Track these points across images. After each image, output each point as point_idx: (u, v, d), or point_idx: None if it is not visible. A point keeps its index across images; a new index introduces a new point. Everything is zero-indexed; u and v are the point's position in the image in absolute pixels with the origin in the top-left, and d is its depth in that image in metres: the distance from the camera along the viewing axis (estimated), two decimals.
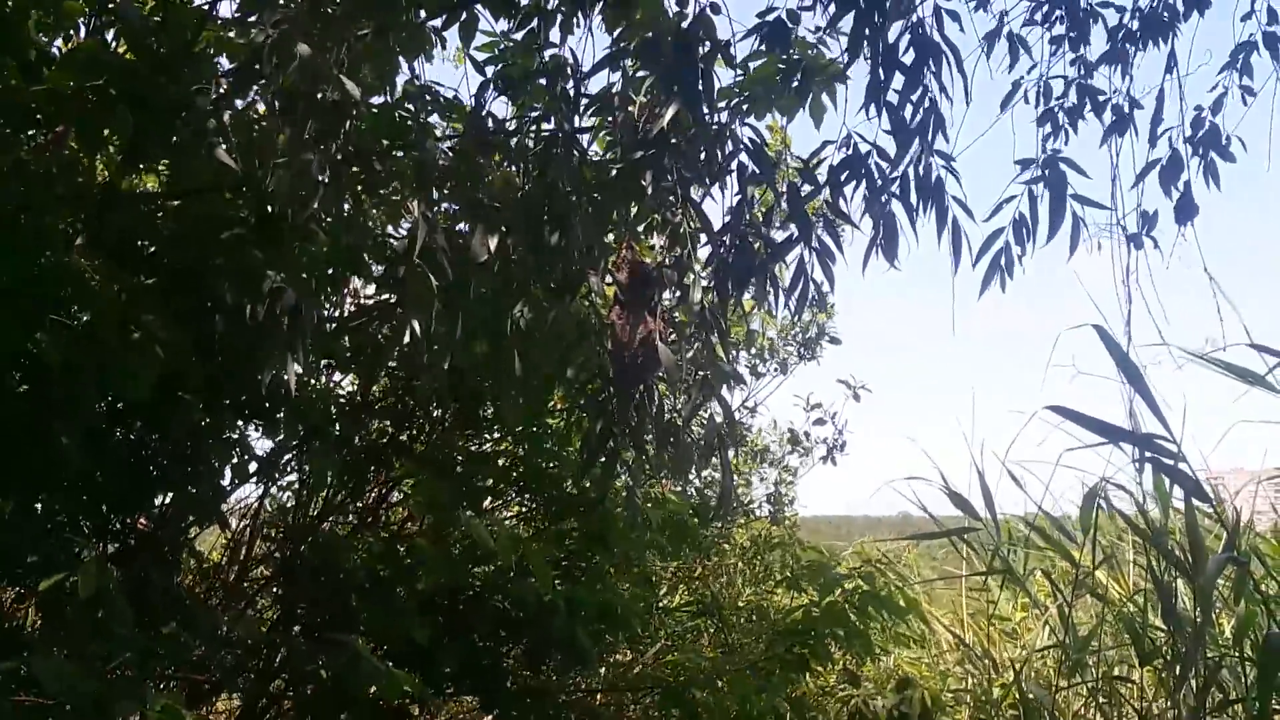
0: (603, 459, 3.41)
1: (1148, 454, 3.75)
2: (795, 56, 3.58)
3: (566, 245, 3.16)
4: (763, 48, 3.55)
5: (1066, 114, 4.26)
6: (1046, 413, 3.79)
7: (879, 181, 3.57)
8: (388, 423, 4.62)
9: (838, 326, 7.51)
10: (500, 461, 4.85)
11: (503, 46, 3.64)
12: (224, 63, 3.39)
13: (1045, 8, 4.28)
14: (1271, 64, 4.25)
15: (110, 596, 2.76)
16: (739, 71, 3.59)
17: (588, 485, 4.42)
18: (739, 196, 3.44)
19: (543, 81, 3.38)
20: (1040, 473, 5.49)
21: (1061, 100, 4.28)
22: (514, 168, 3.43)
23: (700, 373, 3.48)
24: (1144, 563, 4.51)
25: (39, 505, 3.19)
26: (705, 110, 3.24)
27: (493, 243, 3.03)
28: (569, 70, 3.36)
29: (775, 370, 7.36)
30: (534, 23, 3.45)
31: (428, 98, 3.68)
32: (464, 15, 3.55)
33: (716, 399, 3.42)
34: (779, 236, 3.69)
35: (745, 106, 3.53)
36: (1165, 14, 4.15)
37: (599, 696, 5.18)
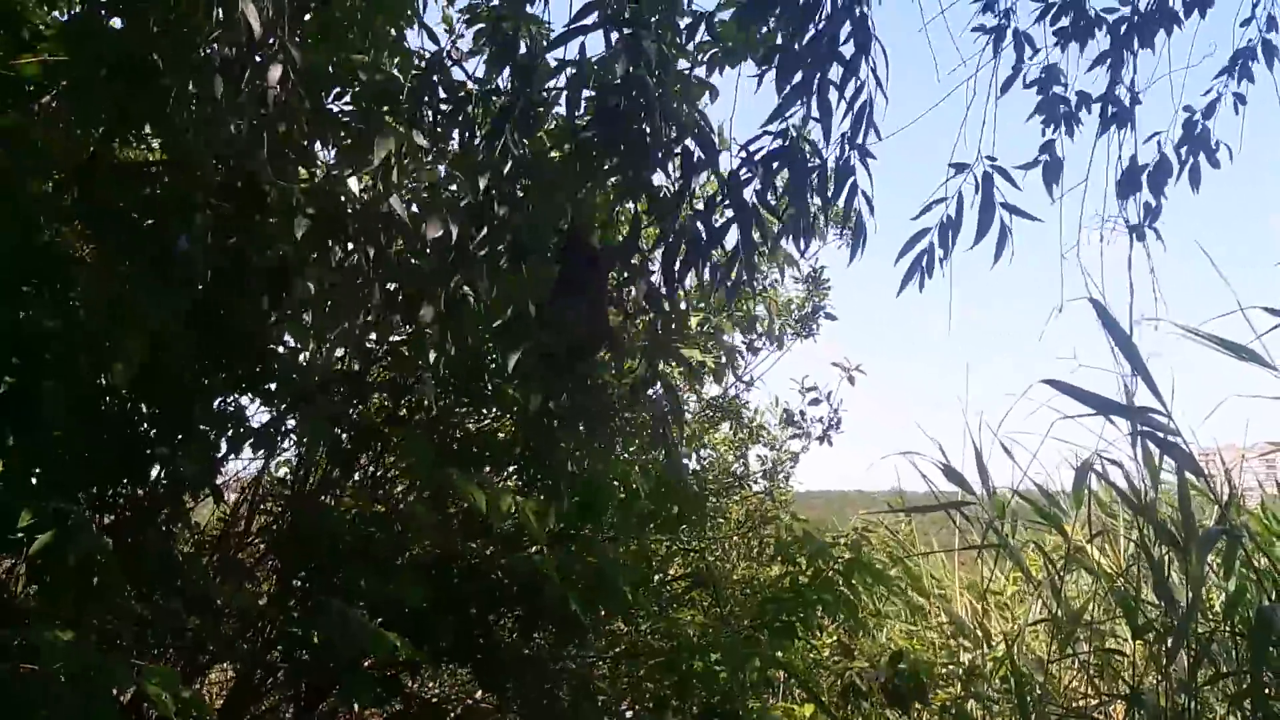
0: (543, 433, 3.41)
1: (1141, 427, 3.77)
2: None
3: (514, 221, 3.16)
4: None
5: (1065, 107, 4.24)
6: (1044, 388, 3.82)
7: (801, 170, 3.58)
8: (385, 397, 4.63)
9: (834, 303, 7.51)
10: (499, 435, 4.86)
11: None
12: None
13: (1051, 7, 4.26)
14: (1268, 71, 4.25)
15: (104, 565, 2.77)
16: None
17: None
18: (681, 181, 3.44)
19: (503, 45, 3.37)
20: (1035, 447, 5.48)
21: (1062, 95, 4.26)
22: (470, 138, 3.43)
23: (647, 354, 3.49)
24: (1136, 537, 4.54)
25: (33, 475, 3.19)
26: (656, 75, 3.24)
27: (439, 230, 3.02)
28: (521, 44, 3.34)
29: (772, 347, 7.35)
30: None
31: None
32: None
33: (660, 379, 3.43)
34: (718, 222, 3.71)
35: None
36: (1159, 15, 4.13)
37: (592, 667, 5.21)
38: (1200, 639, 3.88)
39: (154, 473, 3.67)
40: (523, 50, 3.32)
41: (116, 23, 3.22)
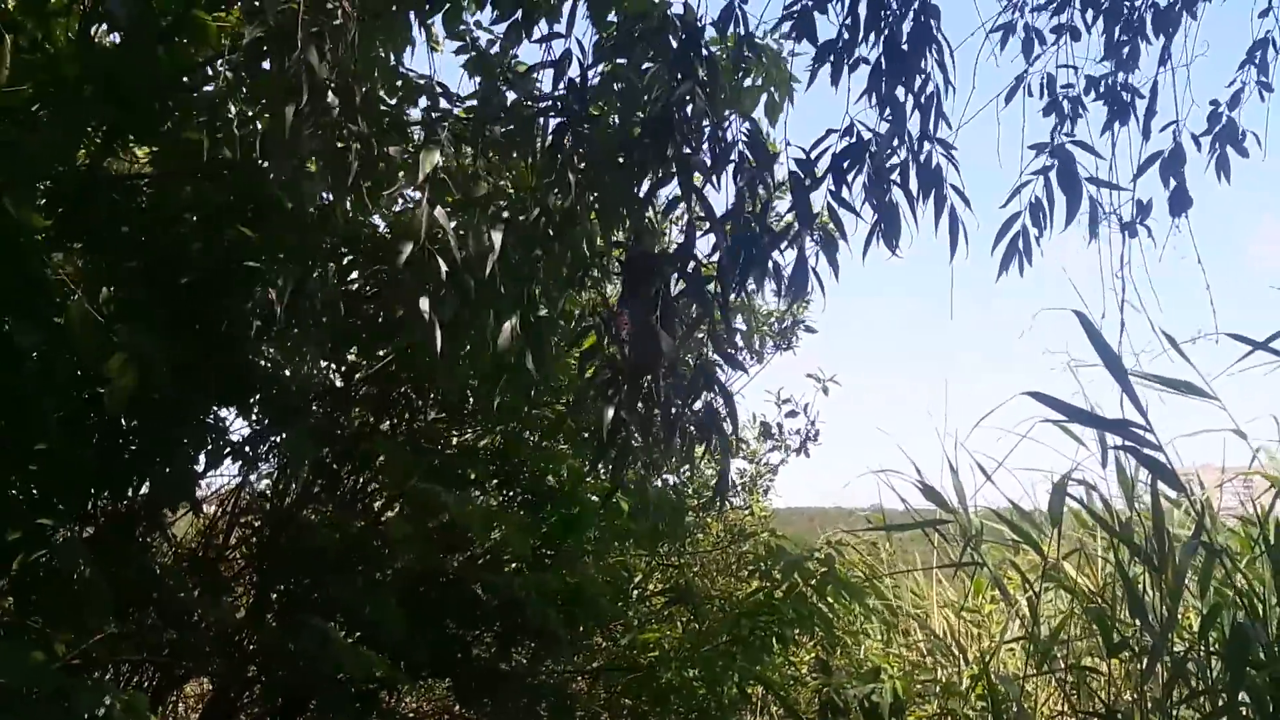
0: (615, 450, 3.41)
1: (1123, 440, 3.80)
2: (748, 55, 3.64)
3: (574, 235, 3.18)
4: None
5: (1070, 103, 4.25)
6: (1026, 400, 3.84)
7: (881, 169, 3.59)
8: (369, 414, 4.62)
9: (813, 316, 7.54)
10: (481, 453, 4.86)
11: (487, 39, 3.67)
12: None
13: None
14: None
15: (86, 581, 2.76)
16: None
17: (601, 476, 4.43)
18: (739, 187, 3.44)
19: (549, 73, 3.39)
20: (1015, 462, 5.51)
21: (1066, 90, 4.27)
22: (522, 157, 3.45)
23: (700, 358, 3.50)
24: (1113, 557, 4.57)
25: (14, 488, 3.17)
26: (707, 93, 3.26)
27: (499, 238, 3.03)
28: (574, 59, 3.36)
29: (753, 360, 7.36)
30: (517, 13, 3.48)
31: (437, 90, 3.68)
32: (447, 4, 3.56)
33: (716, 384, 3.43)
34: (778, 226, 3.72)
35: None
36: (1178, 5, 4.13)
37: (571, 683, 5.21)
38: (1176, 657, 3.90)
39: (134, 485, 3.65)
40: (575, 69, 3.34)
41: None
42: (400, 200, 3.86)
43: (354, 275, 4.06)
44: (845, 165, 3.54)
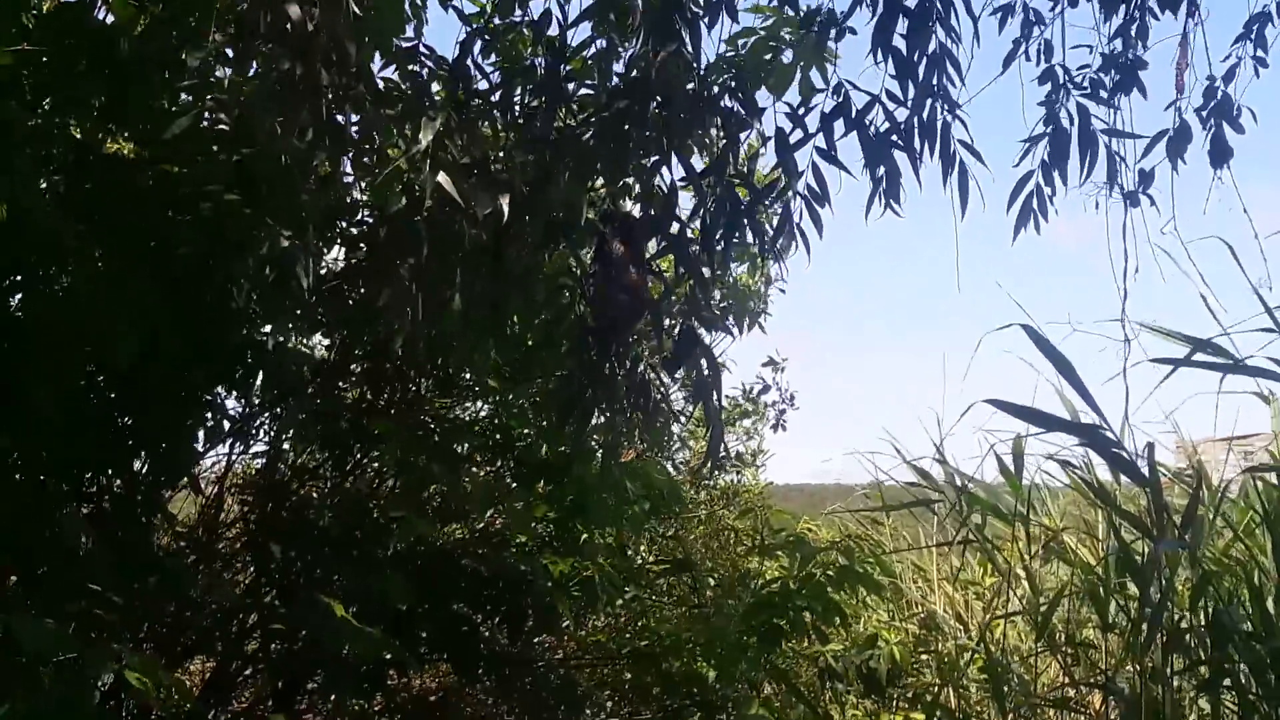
0: (578, 412, 3.40)
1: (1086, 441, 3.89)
2: (786, 34, 3.61)
3: (550, 197, 3.16)
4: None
5: (1064, 71, 4.22)
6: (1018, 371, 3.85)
7: (884, 127, 3.58)
8: (365, 389, 4.61)
9: (786, 282, 7.54)
10: (475, 428, 4.85)
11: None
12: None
13: None
14: None
15: (90, 554, 2.76)
16: (730, 47, 3.61)
17: (561, 447, 4.41)
18: (724, 141, 3.42)
19: (526, 32, 3.37)
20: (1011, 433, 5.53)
21: (1083, 69, 4.24)
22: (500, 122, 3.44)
23: (684, 322, 3.48)
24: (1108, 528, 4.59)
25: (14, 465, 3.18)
26: (692, 57, 3.24)
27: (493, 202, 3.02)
28: (553, 20, 3.35)
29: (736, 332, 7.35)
30: None
31: (423, 57, 3.65)
32: None
33: (700, 347, 3.42)
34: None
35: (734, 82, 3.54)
36: None
37: (575, 661, 5.21)
38: (1173, 628, 3.92)
39: (135, 464, 3.66)
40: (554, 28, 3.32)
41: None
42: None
43: (341, 252, 4.06)
44: (836, 124, 3.53)
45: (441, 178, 2.88)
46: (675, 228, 3.43)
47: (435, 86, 3.71)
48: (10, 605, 2.98)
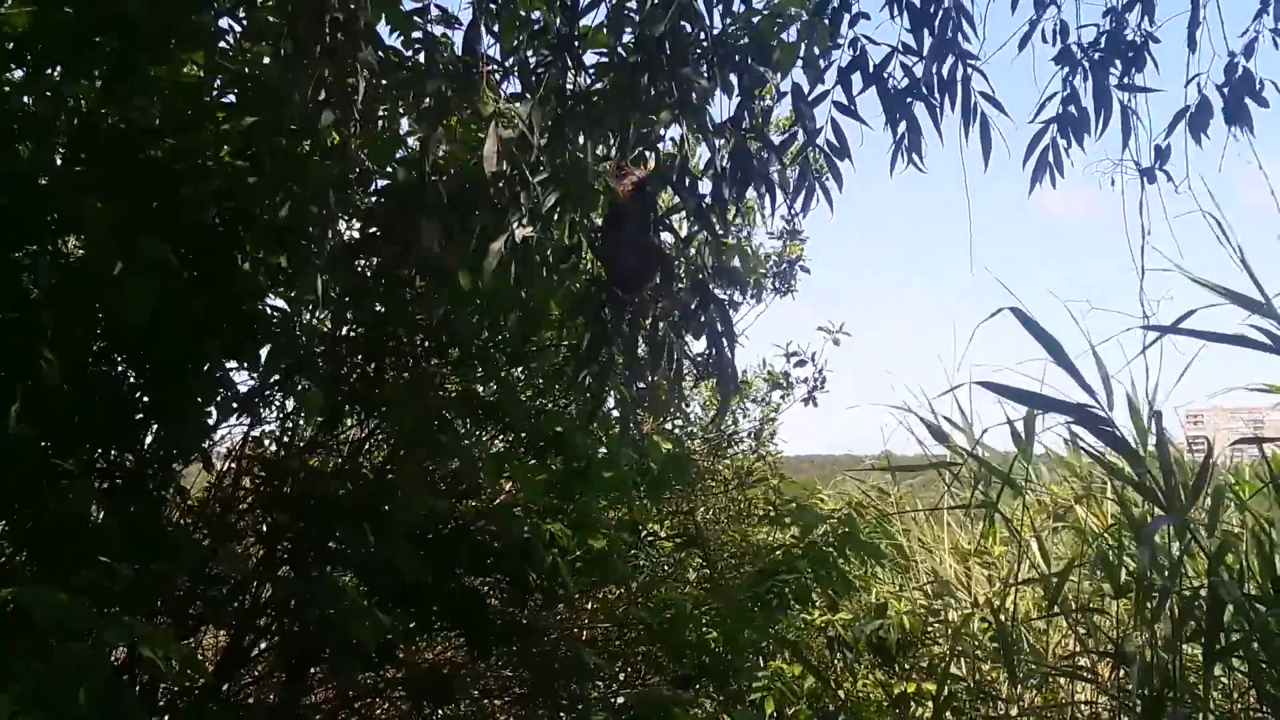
0: (597, 367, 3.38)
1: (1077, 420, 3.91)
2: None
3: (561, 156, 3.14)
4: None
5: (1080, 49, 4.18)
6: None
7: (904, 82, 3.55)
8: (370, 362, 4.61)
9: (812, 258, 7.51)
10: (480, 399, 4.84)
11: None
12: None
13: None
14: None
15: (101, 525, 2.77)
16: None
17: (576, 407, 4.39)
18: (739, 97, 3.38)
19: None
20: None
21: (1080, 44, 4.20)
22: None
23: (698, 275, 3.46)
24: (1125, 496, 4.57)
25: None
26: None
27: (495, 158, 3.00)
28: None
29: (751, 300, 7.32)
30: None
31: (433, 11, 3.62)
32: None
33: (713, 300, 3.39)
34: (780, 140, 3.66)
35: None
36: None
37: (585, 634, 5.23)
38: (1184, 597, 3.92)
39: (145, 438, 3.66)
40: None
41: None
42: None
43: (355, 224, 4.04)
44: (854, 77, 3.50)
45: (493, 142, 2.86)
46: (689, 181, 3.41)
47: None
48: (21, 578, 3.01)
